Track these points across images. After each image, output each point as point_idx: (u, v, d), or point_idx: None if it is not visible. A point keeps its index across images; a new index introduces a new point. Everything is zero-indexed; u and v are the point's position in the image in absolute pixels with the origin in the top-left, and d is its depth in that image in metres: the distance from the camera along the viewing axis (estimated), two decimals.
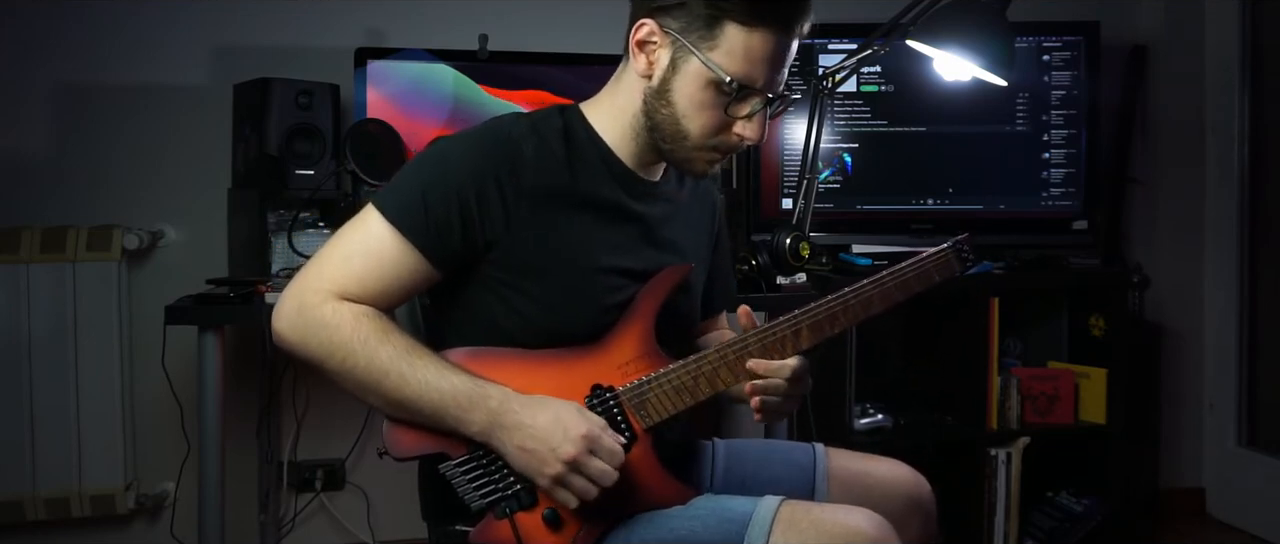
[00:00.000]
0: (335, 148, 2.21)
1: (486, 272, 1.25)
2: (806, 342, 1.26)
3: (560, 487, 1.16)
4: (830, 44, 2.54)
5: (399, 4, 2.53)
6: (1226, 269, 2.92)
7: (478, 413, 1.17)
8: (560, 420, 1.16)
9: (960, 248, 1.31)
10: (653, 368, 1.26)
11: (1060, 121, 2.59)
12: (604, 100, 1.33)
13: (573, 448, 1.14)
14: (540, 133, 1.27)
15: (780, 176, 2.55)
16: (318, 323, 1.18)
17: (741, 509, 1.20)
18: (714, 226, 1.52)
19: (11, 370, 2.25)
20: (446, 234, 1.21)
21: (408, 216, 1.20)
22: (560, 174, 1.26)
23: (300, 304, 1.19)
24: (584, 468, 1.15)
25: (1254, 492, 2.84)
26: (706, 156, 1.28)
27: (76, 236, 2.28)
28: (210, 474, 1.89)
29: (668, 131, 1.26)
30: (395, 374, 1.17)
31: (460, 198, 1.20)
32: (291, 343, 1.20)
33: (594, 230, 1.28)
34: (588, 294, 1.27)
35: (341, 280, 1.20)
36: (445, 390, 1.17)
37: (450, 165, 1.22)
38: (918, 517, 1.43)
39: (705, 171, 1.31)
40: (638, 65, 1.26)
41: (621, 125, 1.30)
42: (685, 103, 1.23)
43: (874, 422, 2.41)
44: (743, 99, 1.23)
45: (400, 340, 1.19)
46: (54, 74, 2.39)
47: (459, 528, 1.24)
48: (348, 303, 1.19)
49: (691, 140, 1.26)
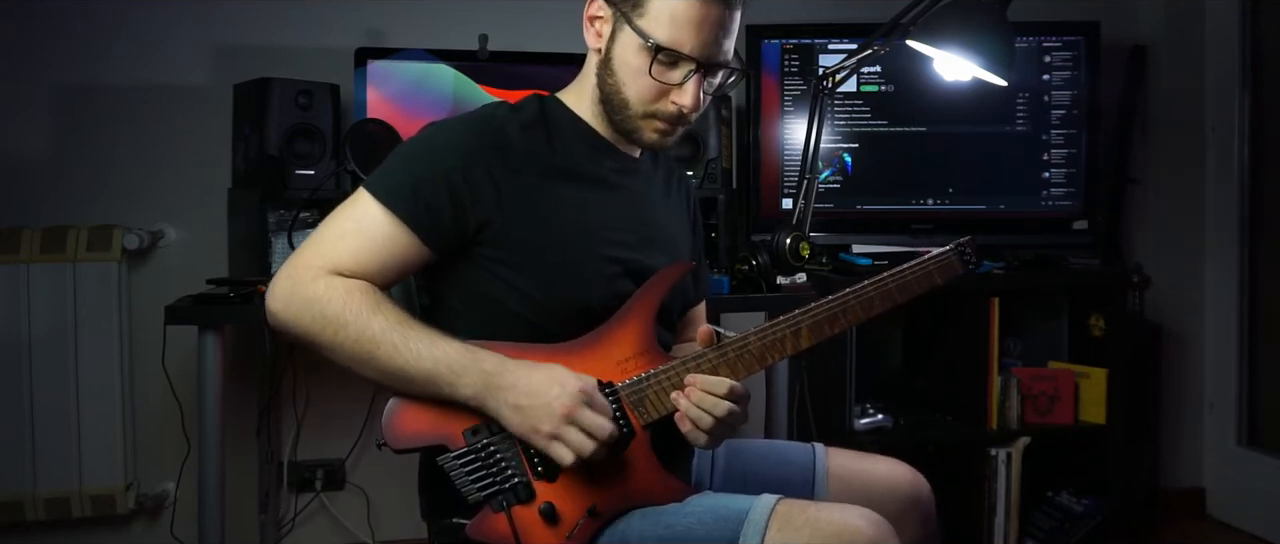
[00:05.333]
0: (335, 148, 2.21)
1: (483, 254, 1.27)
2: (806, 341, 1.27)
3: (556, 442, 1.16)
4: (830, 44, 2.54)
5: (399, 4, 2.53)
6: (1226, 269, 2.92)
7: (470, 376, 1.18)
8: (554, 376, 1.18)
9: (963, 250, 1.32)
10: (652, 365, 1.26)
11: (1060, 121, 2.59)
12: (575, 85, 1.39)
13: (569, 399, 1.16)
14: (523, 116, 1.32)
15: (780, 176, 2.55)
16: (310, 297, 1.19)
17: (738, 507, 1.20)
18: (690, 207, 1.55)
19: (11, 370, 2.25)
20: (436, 214, 1.23)
21: (398, 197, 1.23)
22: (546, 152, 1.31)
23: (293, 282, 1.21)
24: (579, 420, 1.16)
25: (1254, 492, 2.84)
26: (651, 126, 1.32)
27: (76, 236, 2.28)
28: (210, 474, 1.89)
29: (615, 101, 1.31)
30: (387, 344, 1.18)
31: (449, 179, 1.23)
32: (284, 320, 1.21)
33: (586, 202, 1.32)
34: (589, 265, 1.30)
35: (334, 257, 1.22)
36: (438, 357, 1.18)
37: (438, 148, 1.26)
38: (917, 515, 1.43)
39: (655, 141, 1.34)
40: (589, 40, 1.33)
41: (593, 103, 1.35)
42: (623, 70, 1.29)
43: (874, 422, 2.41)
44: (672, 65, 1.28)
45: (392, 312, 1.20)
46: (54, 74, 2.40)
47: (456, 522, 1.24)
48: (340, 277, 1.21)
49: (632, 107, 1.30)
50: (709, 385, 1.20)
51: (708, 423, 1.20)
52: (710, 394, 1.20)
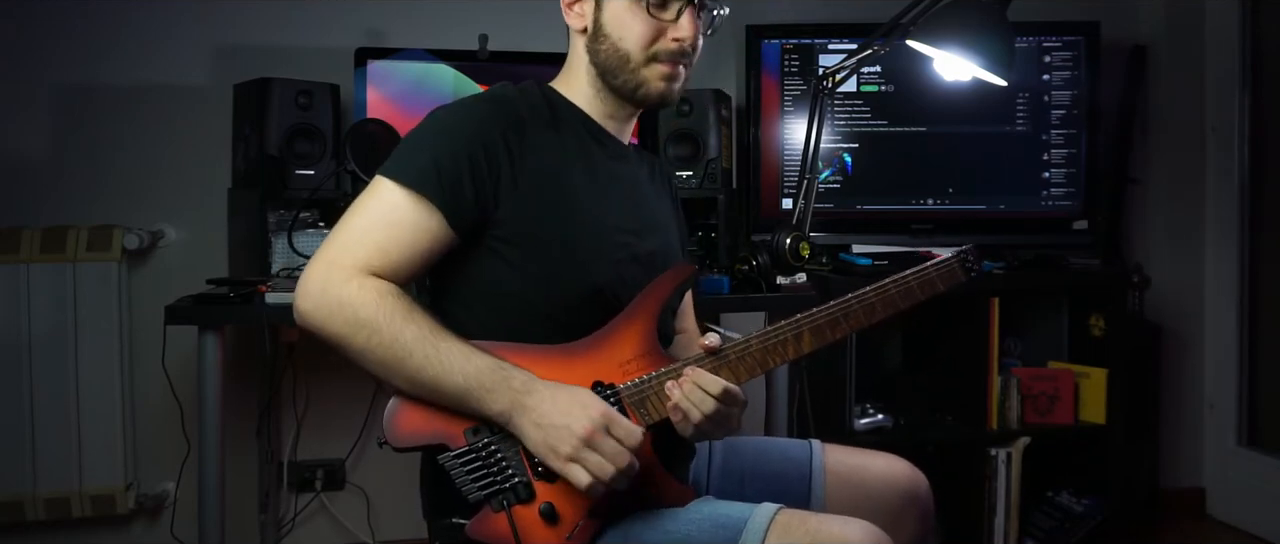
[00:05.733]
0: (335, 148, 2.21)
1: (494, 235, 1.27)
2: (808, 346, 1.28)
3: (574, 464, 1.16)
4: (830, 44, 2.54)
5: (399, 4, 2.53)
6: (1226, 269, 2.92)
7: (500, 393, 1.18)
8: (579, 400, 1.18)
9: (965, 258, 1.34)
10: (653, 366, 1.26)
11: (1060, 121, 2.59)
12: (563, 76, 1.41)
13: (590, 424, 1.15)
14: (530, 97, 1.34)
15: (780, 176, 2.55)
16: (342, 301, 1.18)
17: (737, 515, 1.20)
18: (675, 200, 1.56)
19: (11, 370, 2.25)
20: (460, 192, 1.23)
21: (422, 178, 1.22)
22: (553, 133, 1.32)
23: (325, 283, 1.19)
24: (599, 446, 1.15)
25: (1254, 492, 2.84)
26: (655, 73, 1.33)
27: (76, 236, 2.28)
28: (210, 474, 1.89)
29: (614, 63, 1.33)
30: (419, 355, 1.17)
31: (470, 155, 1.23)
32: (315, 321, 1.20)
33: (592, 185, 1.33)
34: (598, 247, 1.30)
35: (363, 254, 1.21)
36: (470, 372, 1.18)
37: (453, 128, 1.27)
38: (915, 511, 1.43)
39: (662, 89, 1.34)
40: (574, 24, 1.36)
41: (585, 93, 1.38)
42: (616, 27, 1.32)
43: (874, 422, 2.41)
44: (663, 7, 1.31)
45: (424, 321, 1.19)
46: (54, 74, 2.40)
47: (456, 521, 1.24)
48: (372, 279, 1.20)
49: (634, 58, 1.32)
50: (703, 382, 1.21)
51: (696, 417, 1.20)
52: (701, 390, 1.21)
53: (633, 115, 1.41)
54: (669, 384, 1.23)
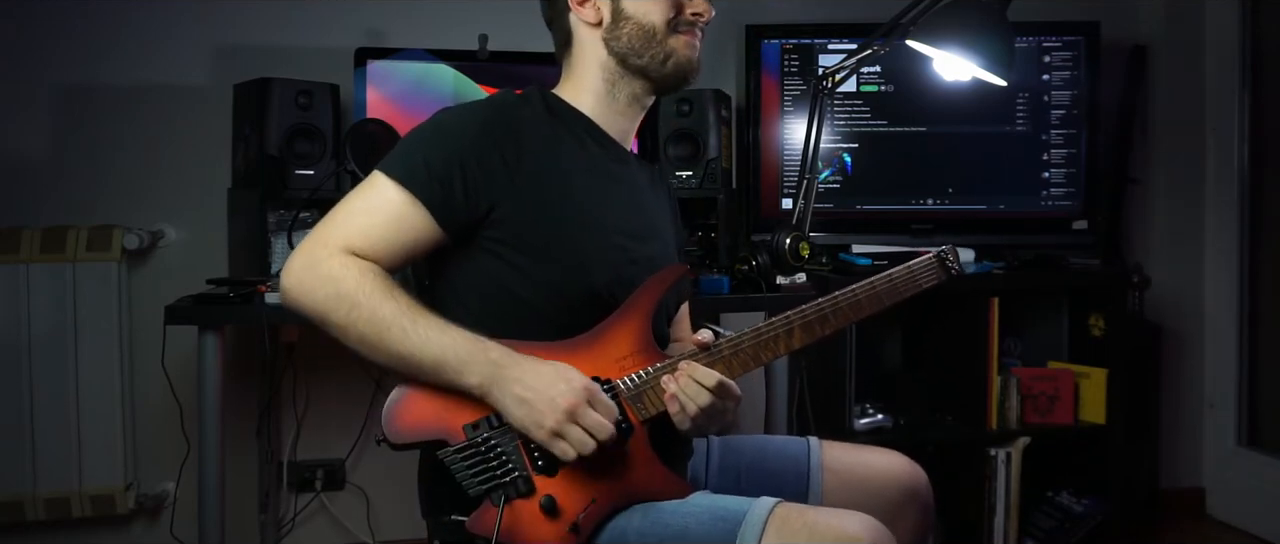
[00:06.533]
0: (335, 148, 2.21)
1: (491, 237, 1.29)
2: (799, 341, 1.31)
3: (557, 438, 1.17)
4: (830, 44, 2.54)
5: (399, 4, 2.54)
6: (1226, 269, 2.92)
7: (477, 365, 1.20)
8: (560, 373, 1.20)
9: (944, 256, 1.41)
10: (649, 363, 1.28)
11: (1060, 121, 2.59)
12: (566, 83, 1.43)
13: (573, 396, 1.17)
14: (530, 103, 1.36)
15: (780, 176, 2.55)
16: (324, 276, 1.21)
17: (736, 508, 1.20)
18: (673, 206, 1.58)
19: (11, 370, 2.25)
20: (449, 192, 1.25)
21: (410, 175, 1.25)
22: (553, 138, 1.33)
23: (310, 259, 1.23)
24: (582, 418, 1.17)
25: (1254, 492, 2.84)
26: (681, 41, 1.37)
27: (76, 236, 2.29)
28: (210, 474, 1.89)
29: (639, 42, 1.36)
30: (397, 328, 1.20)
31: (461, 160, 1.26)
32: (297, 296, 1.23)
33: (592, 188, 1.34)
34: (597, 249, 1.32)
35: (348, 235, 1.24)
36: (446, 344, 1.20)
37: (450, 131, 1.29)
38: (914, 506, 1.44)
39: (689, 56, 1.38)
40: (587, 18, 1.38)
41: (592, 94, 1.39)
42: (638, 7, 1.35)
43: (874, 422, 2.41)
44: None
45: (403, 297, 1.22)
46: (54, 74, 2.40)
47: (455, 518, 1.24)
48: (355, 258, 1.23)
49: (660, 31, 1.35)
50: (698, 375, 1.23)
51: (692, 409, 1.22)
52: (696, 383, 1.22)
53: (645, 109, 1.43)
54: (665, 377, 1.24)
